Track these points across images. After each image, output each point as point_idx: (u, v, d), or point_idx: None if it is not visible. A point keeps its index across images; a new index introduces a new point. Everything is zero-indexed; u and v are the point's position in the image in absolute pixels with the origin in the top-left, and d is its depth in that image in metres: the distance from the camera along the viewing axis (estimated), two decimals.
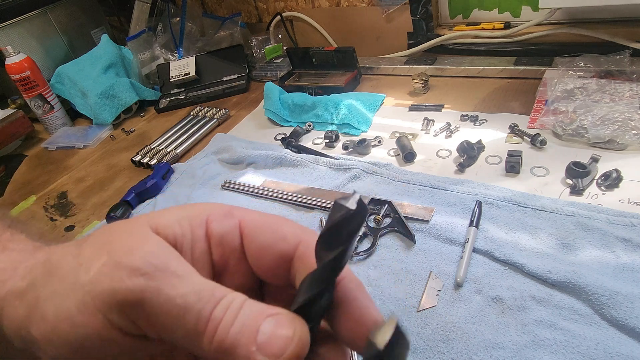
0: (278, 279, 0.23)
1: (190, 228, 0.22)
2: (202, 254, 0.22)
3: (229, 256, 0.23)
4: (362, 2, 1.20)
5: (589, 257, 0.54)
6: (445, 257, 0.58)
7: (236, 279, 0.24)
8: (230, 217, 0.23)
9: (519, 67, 0.96)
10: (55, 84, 1.27)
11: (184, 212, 0.23)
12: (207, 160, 0.92)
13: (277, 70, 1.26)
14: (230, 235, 0.23)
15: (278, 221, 0.23)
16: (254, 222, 0.23)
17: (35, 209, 0.95)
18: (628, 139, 0.68)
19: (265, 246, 0.22)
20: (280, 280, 0.23)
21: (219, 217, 0.23)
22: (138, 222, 0.22)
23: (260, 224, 0.23)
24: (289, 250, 0.22)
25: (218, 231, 0.23)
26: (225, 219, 0.23)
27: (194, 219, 0.22)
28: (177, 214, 0.22)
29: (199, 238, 0.22)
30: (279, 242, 0.22)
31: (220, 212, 0.23)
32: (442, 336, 0.49)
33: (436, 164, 0.77)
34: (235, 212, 0.23)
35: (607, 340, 0.45)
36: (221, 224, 0.23)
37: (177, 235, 0.22)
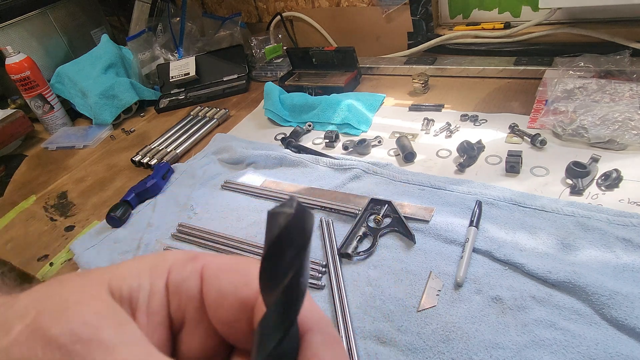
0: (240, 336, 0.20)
1: (150, 279, 0.19)
2: (160, 308, 0.19)
3: (186, 306, 0.20)
4: (362, 2, 1.20)
5: (589, 257, 0.54)
6: (445, 257, 0.58)
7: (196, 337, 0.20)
8: (193, 262, 0.20)
9: (519, 67, 0.96)
10: (55, 84, 1.27)
11: (146, 261, 0.20)
12: (207, 160, 0.92)
13: (277, 70, 1.26)
14: (189, 282, 0.20)
15: (245, 264, 0.20)
16: (217, 265, 0.20)
17: (35, 209, 0.95)
18: (628, 139, 0.68)
19: (225, 291, 0.19)
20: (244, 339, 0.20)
21: (180, 264, 0.20)
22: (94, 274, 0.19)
23: (223, 267, 0.20)
24: (251, 296, 0.19)
25: (176, 278, 0.20)
26: (187, 264, 0.20)
27: (155, 269, 0.20)
28: (138, 265, 0.20)
29: (158, 289, 0.19)
30: (242, 286, 0.19)
31: (184, 257, 0.21)
32: (442, 336, 0.49)
33: (436, 164, 0.77)
34: (200, 257, 0.21)
35: (607, 340, 0.45)
36: (181, 270, 0.20)
37: (133, 288, 0.19)
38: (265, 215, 0.15)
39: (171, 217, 0.78)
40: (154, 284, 0.19)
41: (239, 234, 0.70)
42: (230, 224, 0.73)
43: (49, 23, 1.36)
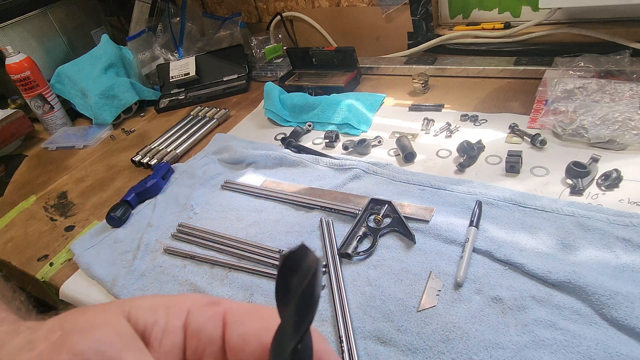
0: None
1: (166, 317, 0.20)
2: (174, 347, 0.20)
3: (204, 349, 0.20)
4: (362, 2, 1.20)
5: (589, 257, 0.54)
6: (445, 257, 0.58)
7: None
8: (215, 307, 0.21)
9: (519, 67, 0.96)
10: (55, 84, 1.27)
11: (164, 299, 0.21)
12: (207, 160, 0.92)
13: (277, 70, 1.26)
14: (211, 325, 0.20)
15: (267, 310, 0.21)
16: (240, 310, 0.21)
17: (35, 209, 0.95)
18: (628, 139, 0.68)
19: (248, 336, 0.20)
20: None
21: (200, 306, 0.21)
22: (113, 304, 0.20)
23: (246, 313, 0.21)
24: None
25: (197, 321, 0.20)
26: (207, 308, 0.21)
27: (173, 308, 0.20)
28: (155, 301, 0.21)
29: (174, 329, 0.20)
30: (264, 332, 0.20)
31: (204, 301, 0.21)
32: (442, 336, 0.49)
33: (436, 164, 0.77)
34: (221, 301, 0.21)
35: (607, 340, 0.45)
36: (202, 312, 0.21)
37: (148, 323, 0.20)
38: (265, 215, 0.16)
39: (171, 217, 0.78)
40: (170, 322, 0.20)
41: (239, 234, 0.70)
42: (230, 224, 0.73)
43: (49, 23, 1.36)
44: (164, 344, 0.20)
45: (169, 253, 0.70)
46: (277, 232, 0.69)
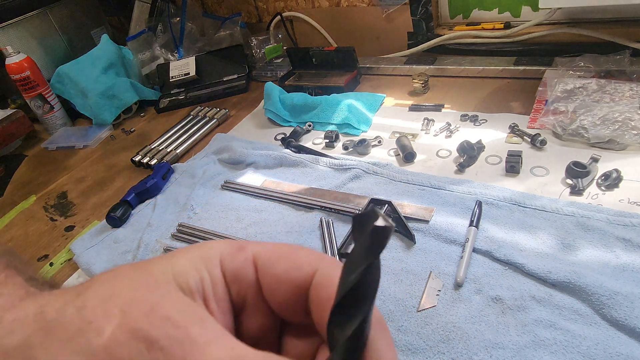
0: (296, 314, 0.21)
1: (208, 270, 0.21)
2: (224, 297, 0.21)
3: (245, 293, 0.21)
4: (362, 2, 1.20)
5: (589, 257, 0.54)
6: (445, 257, 0.58)
7: (256, 318, 0.22)
8: (243, 251, 0.22)
9: (519, 67, 0.96)
10: (55, 84, 1.27)
11: (196, 253, 0.21)
12: (207, 160, 0.92)
13: (277, 70, 1.26)
14: (245, 270, 0.21)
15: (293, 250, 0.22)
16: (267, 253, 0.22)
17: (35, 209, 0.95)
18: (628, 139, 0.68)
19: (280, 277, 0.21)
20: (299, 316, 0.21)
21: (231, 253, 0.21)
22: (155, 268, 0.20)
23: (274, 255, 0.22)
24: (304, 279, 0.21)
25: (232, 267, 0.21)
26: (237, 253, 0.21)
27: (209, 260, 0.21)
28: (191, 257, 0.21)
29: (218, 279, 0.21)
30: (294, 271, 0.21)
31: (232, 247, 0.22)
32: (442, 336, 0.49)
33: (436, 164, 0.77)
34: (247, 245, 0.22)
35: (607, 340, 0.45)
36: (234, 259, 0.21)
37: (197, 282, 0.20)
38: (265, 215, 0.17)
39: (171, 217, 0.78)
40: (212, 274, 0.20)
41: (239, 234, 0.70)
42: (230, 224, 0.73)
43: (49, 23, 1.36)
44: (217, 294, 0.20)
45: None
46: (277, 232, 0.69)
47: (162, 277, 0.19)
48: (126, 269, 0.20)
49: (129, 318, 0.17)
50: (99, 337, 0.17)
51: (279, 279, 0.21)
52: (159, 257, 0.21)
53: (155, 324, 0.17)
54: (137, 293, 0.18)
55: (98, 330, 0.17)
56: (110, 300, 0.18)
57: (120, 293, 0.18)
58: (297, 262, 0.21)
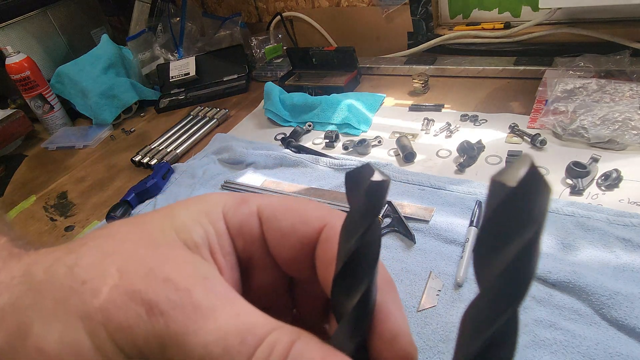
0: (303, 270, 0.20)
1: (212, 224, 0.19)
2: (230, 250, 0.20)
3: (251, 248, 0.20)
4: (362, 2, 1.20)
5: (589, 257, 0.54)
6: (445, 257, 0.58)
7: (264, 274, 0.21)
8: (246, 204, 0.20)
9: (519, 67, 0.96)
10: (55, 84, 1.27)
11: (197, 207, 0.20)
12: (207, 160, 0.92)
13: (277, 70, 1.26)
14: (249, 224, 0.20)
15: (300, 203, 0.20)
16: (272, 206, 0.20)
17: (35, 209, 0.95)
18: (628, 139, 0.68)
19: (285, 231, 0.20)
20: (307, 272, 0.20)
21: (234, 206, 0.20)
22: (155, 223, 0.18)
23: (279, 208, 0.20)
24: (311, 234, 0.19)
25: (235, 220, 0.20)
26: (240, 206, 0.20)
27: (211, 214, 0.19)
28: (192, 211, 0.19)
29: (223, 233, 0.19)
30: (301, 225, 0.19)
31: (235, 200, 0.20)
32: (442, 336, 0.49)
33: (436, 164, 0.77)
34: (250, 198, 0.21)
35: (607, 340, 0.45)
36: (237, 212, 0.20)
37: (202, 236, 0.19)
38: None
39: None
40: (217, 227, 0.19)
41: None
42: None
43: (49, 23, 1.36)
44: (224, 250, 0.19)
45: None
46: None
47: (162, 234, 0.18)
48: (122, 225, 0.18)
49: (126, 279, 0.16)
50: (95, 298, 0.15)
51: (285, 232, 0.20)
52: (156, 212, 0.19)
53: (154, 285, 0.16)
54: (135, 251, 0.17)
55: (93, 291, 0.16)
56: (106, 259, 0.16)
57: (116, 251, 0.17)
58: (305, 216, 0.20)
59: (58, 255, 0.17)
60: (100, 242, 0.17)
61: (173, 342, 0.15)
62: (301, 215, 0.20)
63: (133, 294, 0.15)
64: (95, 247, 0.17)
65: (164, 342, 0.15)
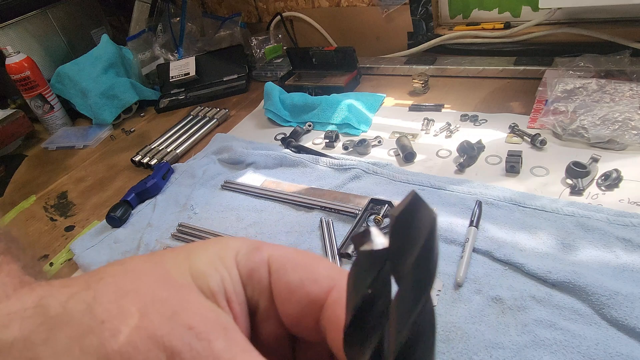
0: (306, 330, 0.20)
1: (227, 270, 0.19)
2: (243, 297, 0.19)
3: (259, 296, 0.20)
4: (362, 2, 1.20)
5: (589, 257, 0.54)
6: (445, 257, 0.58)
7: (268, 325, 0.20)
8: (258, 252, 0.20)
9: (519, 67, 0.96)
10: (55, 84, 1.27)
11: (213, 251, 0.19)
12: (207, 160, 0.92)
13: (277, 70, 1.26)
14: (259, 272, 0.20)
15: (311, 259, 0.20)
16: (283, 257, 0.20)
17: (35, 209, 0.95)
18: (628, 139, 0.68)
19: (294, 286, 0.19)
20: (311, 333, 0.20)
21: (247, 252, 0.20)
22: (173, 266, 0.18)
23: (290, 261, 0.20)
24: (319, 294, 0.19)
25: (246, 268, 0.19)
26: (253, 253, 0.20)
27: (226, 259, 0.19)
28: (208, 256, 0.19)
29: (236, 281, 0.19)
30: (310, 283, 0.19)
31: (248, 246, 0.20)
32: (442, 336, 0.49)
33: (436, 164, 0.77)
34: (263, 246, 0.20)
35: (607, 340, 0.45)
36: (250, 259, 0.20)
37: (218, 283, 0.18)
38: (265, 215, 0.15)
39: (171, 217, 0.78)
40: (232, 273, 0.19)
41: (239, 234, 0.70)
42: (230, 224, 0.73)
43: (49, 23, 1.36)
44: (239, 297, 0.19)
45: None
46: (277, 232, 0.69)
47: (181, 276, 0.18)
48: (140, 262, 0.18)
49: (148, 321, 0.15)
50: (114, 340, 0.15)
51: (292, 288, 0.19)
52: (173, 252, 0.19)
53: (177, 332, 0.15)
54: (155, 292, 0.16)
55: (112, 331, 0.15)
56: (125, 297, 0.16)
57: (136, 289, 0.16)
58: (315, 274, 0.19)
59: (74, 290, 0.17)
60: (118, 278, 0.17)
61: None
62: (311, 272, 0.19)
63: (155, 338, 0.15)
64: (113, 283, 0.17)
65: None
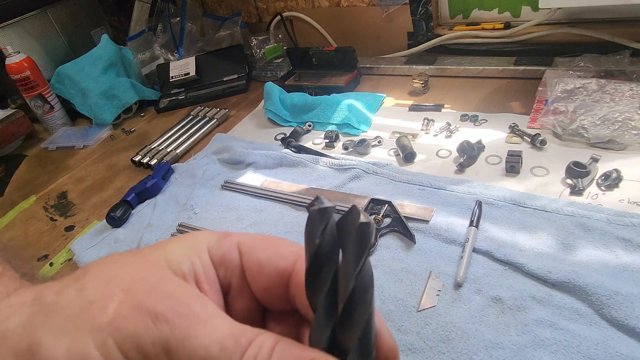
0: (277, 301, 0.23)
1: (198, 256, 0.22)
2: (214, 279, 0.22)
3: (231, 276, 0.23)
4: (362, 2, 1.20)
5: (589, 257, 0.54)
6: (445, 257, 0.58)
7: (241, 300, 0.23)
8: (228, 238, 0.23)
9: (519, 67, 0.96)
10: (55, 84, 1.27)
11: (185, 242, 0.23)
12: (207, 160, 0.92)
13: (277, 70, 1.26)
14: (230, 255, 0.23)
15: (276, 240, 0.23)
16: (252, 240, 0.23)
17: (35, 209, 0.95)
18: (628, 139, 0.68)
19: (262, 263, 0.22)
20: (280, 303, 0.23)
21: (217, 240, 0.23)
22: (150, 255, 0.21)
23: (258, 242, 0.23)
24: (286, 267, 0.22)
25: (218, 252, 0.23)
26: (223, 239, 0.23)
27: (197, 247, 0.22)
28: (182, 247, 0.22)
29: (207, 264, 0.22)
30: (277, 259, 0.22)
31: (219, 235, 0.23)
32: (442, 336, 0.49)
33: (436, 164, 0.77)
34: (232, 234, 0.23)
35: (607, 340, 0.45)
36: (220, 245, 0.23)
37: (189, 267, 0.21)
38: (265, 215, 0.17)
39: (171, 217, 0.78)
40: (202, 259, 0.22)
41: None
42: (230, 224, 0.73)
43: (49, 23, 1.36)
44: (209, 279, 0.22)
45: None
46: (277, 232, 0.69)
47: (157, 263, 0.20)
48: (121, 256, 0.21)
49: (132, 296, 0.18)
50: (103, 314, 0.17)
51: (262, 264, 0.22)
52: (151, 246, 0.22)
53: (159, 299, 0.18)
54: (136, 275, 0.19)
55: (101, 308, 0.18)
56: (111, 282, 0.19)
57: (119, 275, 0.19)
58: (280, 250, 0.22)
59: (66, 283, 0.19)
60: (103, 269, 0.20)
61: (179, 345, 0.17)
62: (277, 249, 0.23)
63: (139, 306, 0.18)
64: (99, 273, 0.20)
65: (169, 346, 0.17)
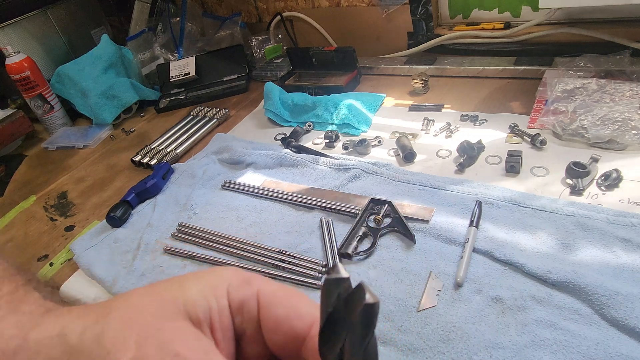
0: (289, 355, 0.23)
1: (216, 300, 0.22)
2: (229, 325, 0.22)
3: (247, 325, 0.23)
4: (362, 2, 1.20)
5: (588, 257, 0.54)
6: (445, 257, 0.58)
7: (253, 347, 0.23)
8: (249, 285, 0.23)
9: (519, 67, 0.96)
10: (55, 84, 1.27)
11: (206, 281, 0.23)
12: (207, 160, 0.92)
13: (277, 70, 1.26)
14: (248, 305, 0.23)
15: (296, 296, 0.23)
16: (271, 293, 0.23)
17: (35, 209, 0.95)
18: (628, 139, 0.68)
19: (280, 320, 0.22)
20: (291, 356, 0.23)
21: (238, 285, 0.23)
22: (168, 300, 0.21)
23: (277, 297, 0.23)
24: (303, 328, 0.22)
25: (237, 299, 0.23)
26: (244, 286, 0.23)
27: (217, 289, 0.22)
28: (201, 287, 0.22)
29: (224, 309, 0.22)
30: (294, 318, 0.22)
31: (240, 279, 0.23)
32: (442, 336, 0.49)
33: (436, 164, 0.77)
34: (253, 280, 0.23)
35: (607, 340, 0.45)
36: (240, 291, 0.23)
37: (205, 311, 0.22)
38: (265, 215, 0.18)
39: (171, 217, 0.78)
40: (220, 303, 0.22)
41: (239, 234, 0.70)
42: (230, 224, 0.73)
43: (49, 23, 1.36)
44: (222, 322, 0.22)
45: (169, 253, 0.70)
46: (277, 232, 0.69)
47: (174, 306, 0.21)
48: (140, 294, 0.22)
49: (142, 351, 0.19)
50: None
51: (279, 321, 0.22)
52: (170, 281, 0.23)
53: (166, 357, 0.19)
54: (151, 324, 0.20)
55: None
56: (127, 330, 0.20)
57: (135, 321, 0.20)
58: (299, 310, 0.22)
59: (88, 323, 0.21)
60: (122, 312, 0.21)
61: None
62: (296, 308, 0.23)
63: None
64: (118, 317, 0.21)
65: None
